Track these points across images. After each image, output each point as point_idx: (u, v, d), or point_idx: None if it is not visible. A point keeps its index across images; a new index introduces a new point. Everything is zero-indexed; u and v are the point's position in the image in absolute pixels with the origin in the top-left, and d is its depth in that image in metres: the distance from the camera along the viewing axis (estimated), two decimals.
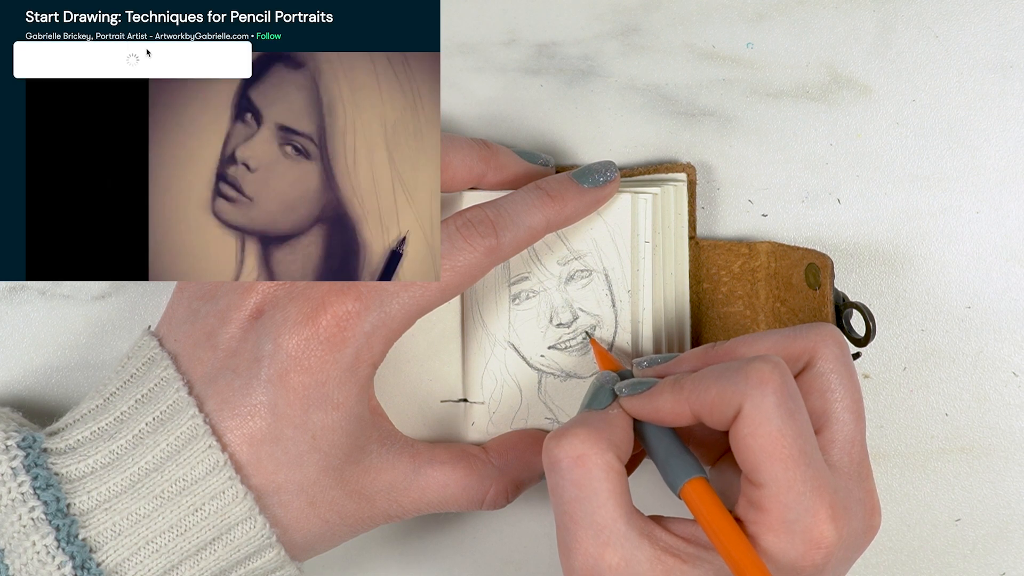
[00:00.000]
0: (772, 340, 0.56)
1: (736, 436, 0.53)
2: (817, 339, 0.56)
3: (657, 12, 0.65)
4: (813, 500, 0.53)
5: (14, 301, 0.65)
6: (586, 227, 0.62)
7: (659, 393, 0.56)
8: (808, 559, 0.53)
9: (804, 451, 0.53)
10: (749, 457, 0.53)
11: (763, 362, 0.53)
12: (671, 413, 0.55)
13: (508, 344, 0.62)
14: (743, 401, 0.53)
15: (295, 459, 0.56)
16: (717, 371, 0.54)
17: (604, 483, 0.53)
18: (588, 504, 0.53)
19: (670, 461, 0.55)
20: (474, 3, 0.65)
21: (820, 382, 0.55)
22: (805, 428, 0.53)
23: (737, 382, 0.53)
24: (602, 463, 0.53)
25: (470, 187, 0.61)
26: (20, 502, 0.55)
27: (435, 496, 0.60)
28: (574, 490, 0.54)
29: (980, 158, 0.65)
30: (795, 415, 0.53)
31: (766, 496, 0.53)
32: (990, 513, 0.67)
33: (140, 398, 0.57)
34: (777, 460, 0.52)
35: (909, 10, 0.65)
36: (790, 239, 0.66)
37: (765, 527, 0.53)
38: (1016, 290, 0.66)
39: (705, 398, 0.54)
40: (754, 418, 0.53)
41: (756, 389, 0.53)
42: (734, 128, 0.65)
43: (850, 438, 0.55)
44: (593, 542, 0.53)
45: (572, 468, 0.54)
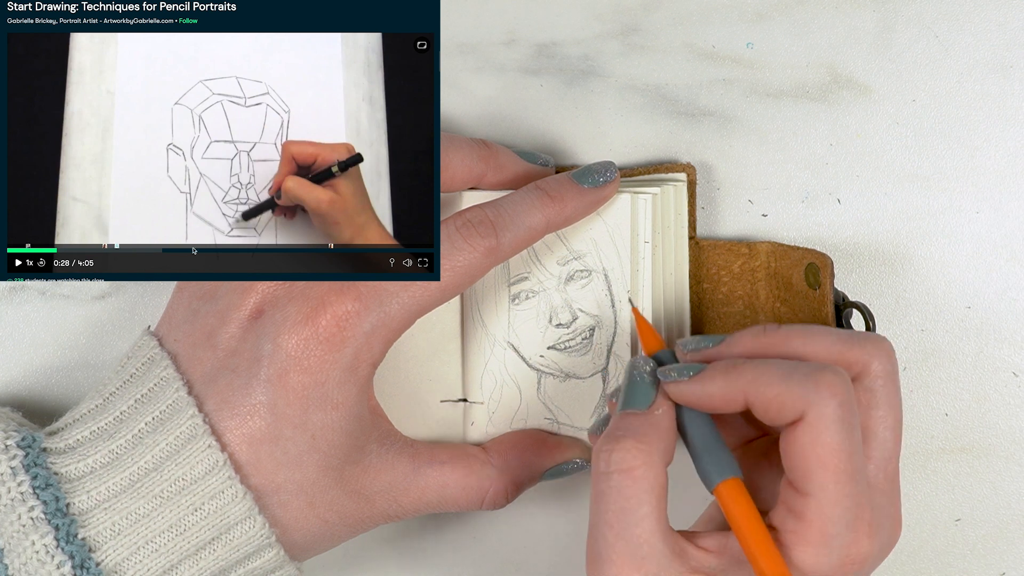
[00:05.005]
0: (831, 340, 0.55)
1: (794, 442, 0.53)
2: (873, 351, 0.55)
3: (657, 12, 0.65)
4: (856, 517, 0.53)
5: (14, 301, 0.65)
6: (586, 227, 0.62)
7: (711, 378, 0.54)
8: (841, 574, 0.53)
9: (857, 468, 0.53)
10: (801, 464, 0.53)
11: (834, 373, 0.53)
12: (723, 399, 0.54)
13: (508, 344, 0.62)
14: (807, 408, 0.52)
15: (294, 459, 0.56)
16: (784, 370, 0.53)
17: (649, 496, 0.53)
18: (631, 517, 0.53)
19: (707, 456, 0.54)
20: (474, 3, 0.65)
21: (867, 397, 0.55)
22: (859, 445, 0.53)
23: (806, 387, 0.52)
24: (651, 476, 0.53)
25: (470, 187, 0.61)
26: (19, 501, 0.55)
27: (434, 496, 0.60)
28: (621, 501, 0.53)
29: (980, 158, 0.65)
30: (854, 431, 0.53)
31: (811, 507, 0.52)
32: (990, 513, 0.66)
33: (140, 398, 0.57)
34: (831, 473, 0.52)
35: (909, 10, 0.65)
36: (790, 239, 0.65)
37: (803, 538, 0.53)
38: (1016, 290, 0.66)
39: (766, 392, 0.53)
40: (816, 427, 0.52)
41: (826, 399, 0.52)
42: (734, 128, 0.65)
43: (887, 456, 0.55)
44: (630, 556, 0.53)
45: (622, 481, 0.53)
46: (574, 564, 0.66)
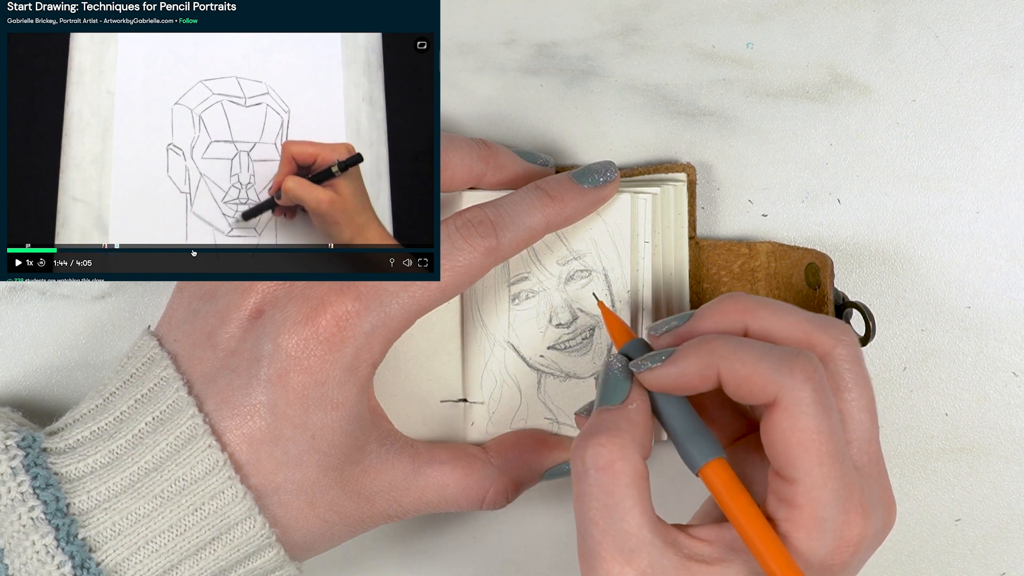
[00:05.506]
0: (796, 319, 0.55)
1: (772, 428, 0.53)
2: (839, 335, 0.55)
3: (657, 12, 0.65)
4: (845, 498, 0.53)
5: (14, 301, 0.65)
6: (586, 227, 0.62)
7: (684, 356, 0.54)
8: (837, 557, 0.53)
9: (839, 449, 0.53)
10: (784, 451, 0.53)
11: (807, 359, 0.53)
12: (699, 376, 0.54)
13: (508, 344, 0.62)
14: (780, 392, 0.52)
15: (294, 459, 0.56)
16: (758, 351, 0.53)
17: (631, 490, 0.53)
18: (616, 512, 0.53)
19: (689, 440, 0.54)
20: (474, 3, 0.65)
21: (837, 381, 0.55)
22: (838, 427, 0.53)
23: (780, 370, 0.52)
24: (630, 469, 0.53)
25: (469, 187, 0.61)
26: (20, 501, 0.55)
27: (434, 496, 0.60)
28: (603, 497, 0.53)
29: (980, 158, 0.65)
30: (831, 412, 0.53)
31: (800, 492, 0.52)
32: (990, 513, 0.66)
33: (140, 398, 0.57)
34: (814, 456, 0.52)
35: (909, 10, 0.65)
36: (790, 239, 0.65)
37: (796, 524, 0.53)
38: (1016, 290, 0.66)
39: (739, 370, 0.53)
40: (793, 412, 0.52)
41: (800, 383, 0.52)
42: (734, 128, 0.65)
43: (867, 437, 0.55)
44: (619, 550, 0.53)
45: (601, 477, 0.53)
46: (574, 564, 0.66)
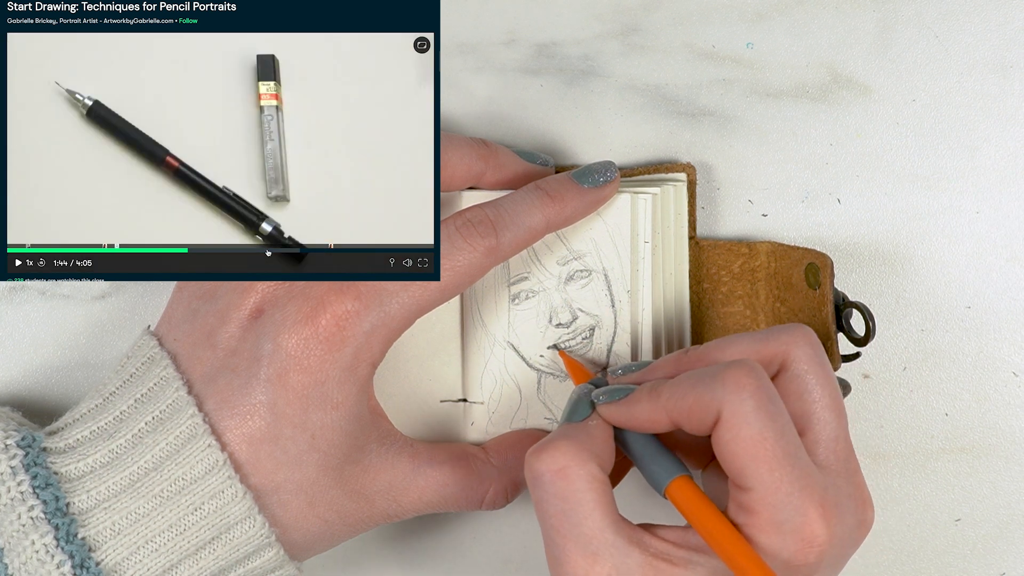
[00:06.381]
0: (745, 343, 0.56)
1: (718, 442, 0.53)
2: (789, 340, 0.55)
3: (657, 12, 0.65)
4: (801, 499, 0.53)
5: (14, 301, 0.65)
6: (586, 227, 0.62)
7: (636, 400, 0.55)
8: (801, 558, 0.53)
9: (788, 452, 0.53)
10: (733, 462, 0.53)
11: (738, 367, 0.53)
12: (649, 420, 0.55)
13: (507, 344, 0.62)
14: (721, 407, 0.53)
15: (294, 458, 0.56)
16: (693, 377, 0.54)
17: (588, 494, 0.53)
18: (574, 516, 0.53)
19: (652, 464, 0.55)
20: (474, 3, 0.65)
21: (797, 384, 0.55)
22: (787, 429, 0.53)
23: (714, 388, 0.53)
24: (584, 474, 0.53)
25: (469, 186, 0.61)
26: (19, 501, 0.55)
27: (434, 496, 0.60)
28: (559, 503, 0.53)
29: (980, 158, 0.65)
30: (775, 417, 0.53)
31: (754, 499, 0.53)
32: (990, 513, 0.66)
33: (140, 397, 0.57)
34: (762, 462, 0.52)
35: (909, 10, 0.65)
36: (790, 239, 0.66)
37: (756, 529, 0.53)
38: (1016, 290, 0.66)
39: (682, 405, 0.54)
40: (734, 423, 0.52)
41: (733, 394, 0.53)
42: (734, 128, 0.65)
43: (833, 436, 0.55)
44: (582, 553, 0.53)
45: (555, 481, 0.53)
46: None
